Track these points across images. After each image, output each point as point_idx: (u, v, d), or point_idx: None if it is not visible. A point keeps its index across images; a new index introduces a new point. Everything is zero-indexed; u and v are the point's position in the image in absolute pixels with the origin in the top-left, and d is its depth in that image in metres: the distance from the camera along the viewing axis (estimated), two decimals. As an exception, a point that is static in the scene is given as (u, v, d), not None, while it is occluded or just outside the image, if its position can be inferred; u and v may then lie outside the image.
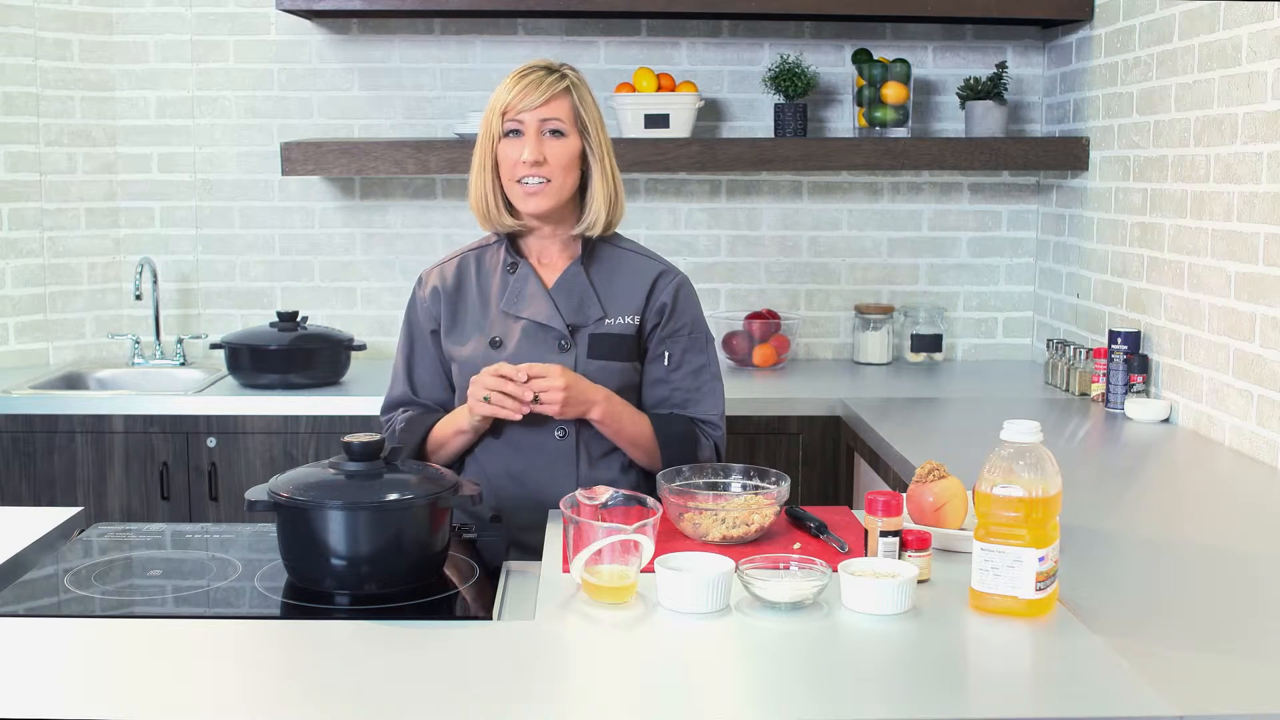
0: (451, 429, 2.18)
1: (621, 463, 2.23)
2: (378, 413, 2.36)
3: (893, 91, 3.64)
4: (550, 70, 2.15)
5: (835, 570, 1.70)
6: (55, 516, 2.08)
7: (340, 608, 1.70)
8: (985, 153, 3.56)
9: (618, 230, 2.28)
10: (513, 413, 2.06)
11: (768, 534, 1.95)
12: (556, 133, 2.13)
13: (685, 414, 2.24)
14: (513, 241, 2.24)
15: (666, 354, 2.23)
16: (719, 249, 3.87)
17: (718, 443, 2.26)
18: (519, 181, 2.13)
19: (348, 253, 3.87)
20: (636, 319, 2.21)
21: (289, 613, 1.69)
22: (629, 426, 2.18)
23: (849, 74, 3.79)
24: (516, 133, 2.13)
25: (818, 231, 3.88)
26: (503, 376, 2.05)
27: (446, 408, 2.26)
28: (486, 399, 2.06)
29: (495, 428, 2.18)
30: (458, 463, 2.25)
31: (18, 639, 1.58)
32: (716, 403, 2.27)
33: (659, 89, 3.64)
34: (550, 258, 2.23)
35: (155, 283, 3.77)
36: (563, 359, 2.16)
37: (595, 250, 2.23)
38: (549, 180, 2.13)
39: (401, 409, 2.29)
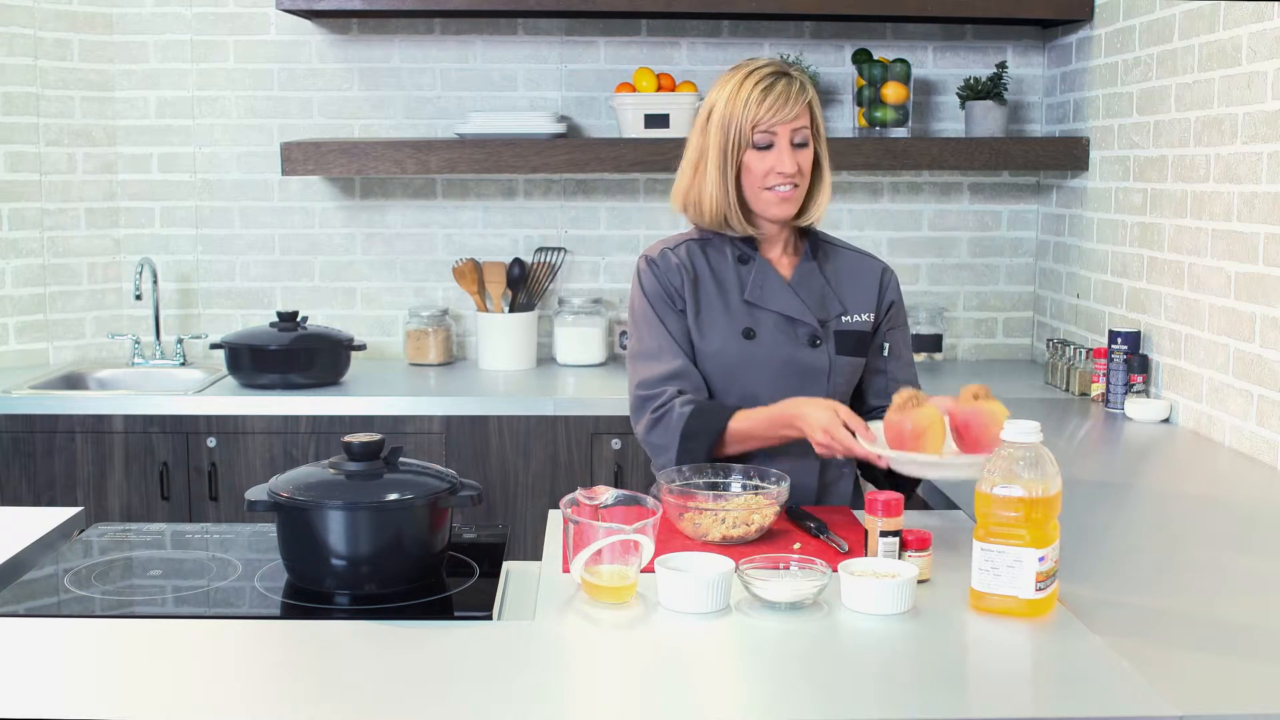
0: (777, 428, 2.08)
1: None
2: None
3: (893, 91, 3.64)
4: (789, 77, 2.14)
5: (835, 570, 1.70)
6: (55, 516, 2.08)
7: (340, 608, 1.70)
8: (985, 153, 3.56)
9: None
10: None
11: (768, 534, 1.95)
12: (802, 143, 2.15)
13: None
14: (739, 235, 2.23)
15: (886, 345, 2.28)
16: (719, 249, 3.87)
17: None
18: (769, 189, 2.13)
19: (348, 253, 3.87)
20: (872, 316, 2.24)
21: (289, 613, 1.69)
22: None
23: (849, 74, 3.79)
24: (768, 145, 2.13)
25: (818, 231, 3.88)
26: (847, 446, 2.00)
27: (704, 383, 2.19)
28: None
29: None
30: None
31: (18, 639, 1.58)
32: None
33: (659, 89, 3.64)
34: (776, 254, 2.24)
35: (155, 283, 3.77)
36: (815, 355, 2.17)
37: (818, 248, 2.26)
38: (796, 186, 2.14)
39: (674, 385, 2.15)
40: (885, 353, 2.27)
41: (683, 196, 2.22)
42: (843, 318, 2.21)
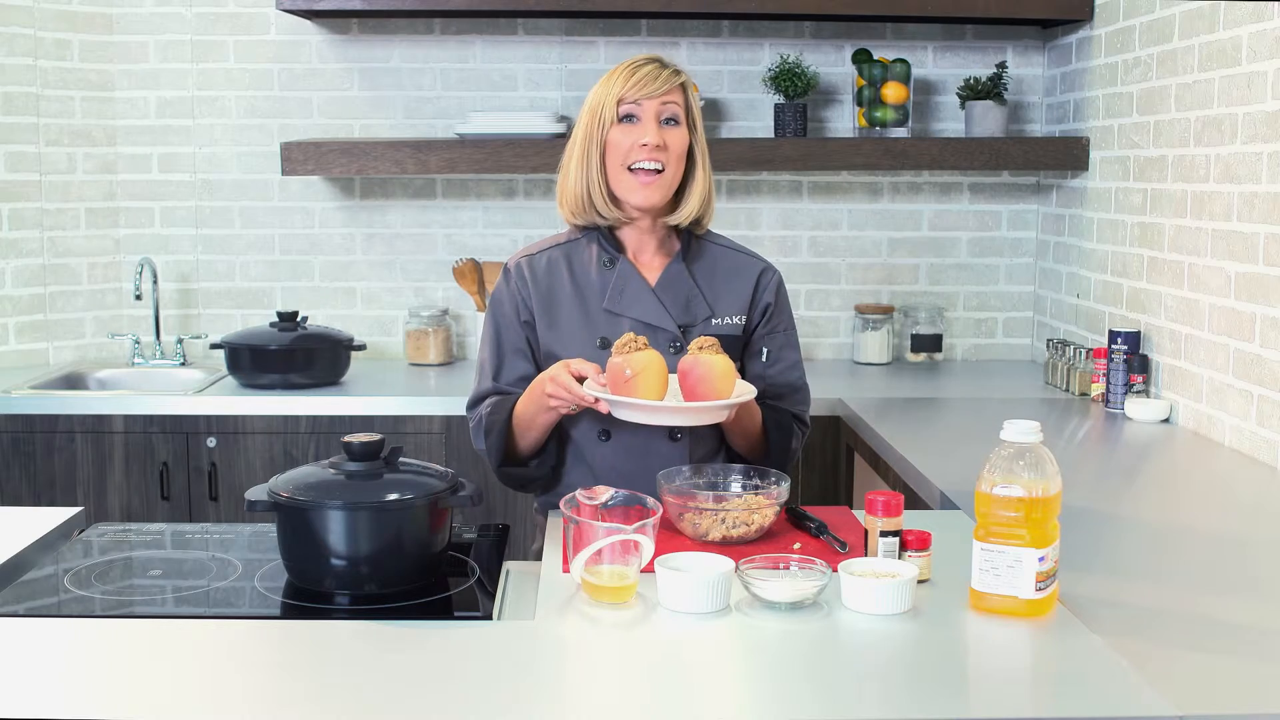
0: (536, 399, 2.06)
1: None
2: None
3: (893, 91, 3.64)
4: (664, 64, 2.14)
5: (835, 570, 1.70)
6: (55, 516, 2.08)
7: (340, 608, 1.70)
8: (985, 153, 3.56)
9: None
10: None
11: (768, 534, 1.95)
12: (672, 121, 2.11)
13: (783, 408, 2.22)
14: (605, 236, 2.19)
15: (765, 350, 2.22)
16: (719, 249, 3.87)
17: (804, 440, 2.25)
18: (632, 169, 2.10)
19: (348, 253, 3.87)
20: (743, 318, 2.19)
21: (289, 613, 1.69)
22: (755, 417, 2.14)
23: (849, 74, 3.79)
24: (631, 119, 2.11)
25: (818, 231, 3.88)
26: (566, 388, 1.98)
27: None
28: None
29: (607, 429, 2.13)
30: (561, 463, 2.18)
31: (18, 639, 1.58)
32: (807, 399, 2.25)
33: (659, 89, 3.64)
34: (647, 255, 2.20)
35: (155, 283, 3.77)
36: (675, 362, 2.10)
37: (691, 247, 2.21)
38: (663, 169, 2.10)
39: (487, 400, 2.19)
40: (764, 358, 2.21)
41: (559, 194, 2.20)
42: (711, 320, 2.16)
